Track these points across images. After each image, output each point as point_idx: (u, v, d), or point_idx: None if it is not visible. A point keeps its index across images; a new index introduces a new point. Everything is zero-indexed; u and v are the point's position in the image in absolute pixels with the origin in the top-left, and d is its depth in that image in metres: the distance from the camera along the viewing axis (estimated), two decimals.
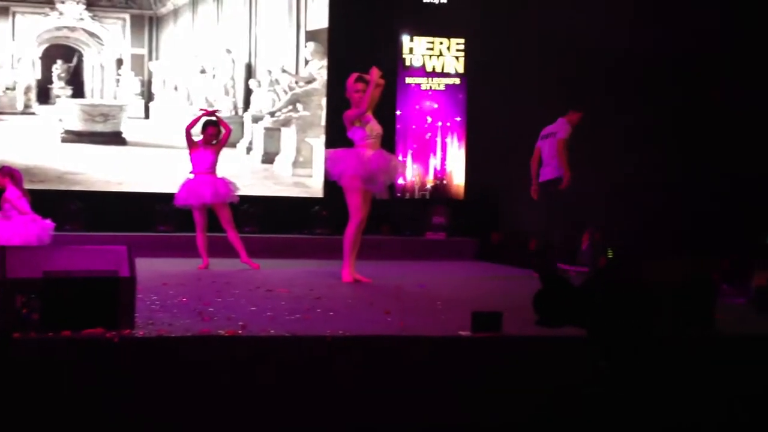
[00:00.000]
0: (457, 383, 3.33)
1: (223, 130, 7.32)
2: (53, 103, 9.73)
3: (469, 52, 10.21)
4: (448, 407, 3.31)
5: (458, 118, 10.21)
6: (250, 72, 10.19)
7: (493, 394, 3.32)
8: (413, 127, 10.16)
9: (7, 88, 9.57)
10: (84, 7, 9.70)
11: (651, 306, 2.28)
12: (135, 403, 3.20)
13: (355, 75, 6.03)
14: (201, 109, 7.53)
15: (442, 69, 10.21)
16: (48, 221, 7.21)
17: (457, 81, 10.22)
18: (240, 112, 10.11)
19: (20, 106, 9.62)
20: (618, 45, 8.60)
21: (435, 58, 10.22)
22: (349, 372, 3.37)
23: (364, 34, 9.74)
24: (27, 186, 7.42)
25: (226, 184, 7.20)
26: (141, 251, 7.65)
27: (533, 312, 2.10)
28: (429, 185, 10.16)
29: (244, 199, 8.41)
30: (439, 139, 10.19)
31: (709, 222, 7.98)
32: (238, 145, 9.98)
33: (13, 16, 9.61)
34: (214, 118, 7.36)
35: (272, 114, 10.19)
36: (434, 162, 10.18)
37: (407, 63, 10.17)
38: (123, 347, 3.20)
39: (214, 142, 7.25)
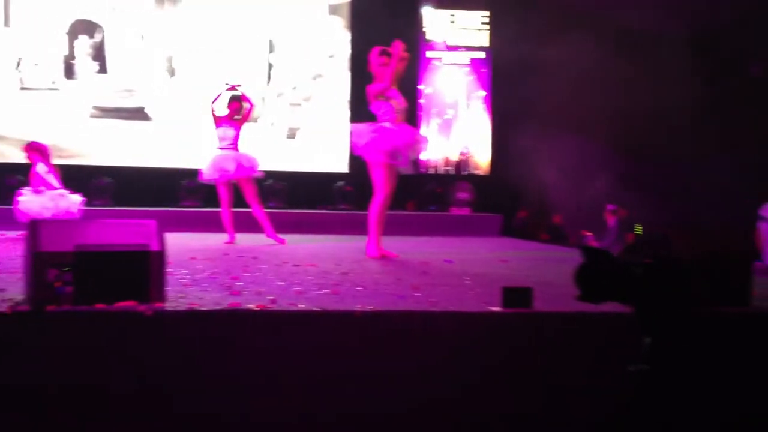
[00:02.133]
0: (488, 360, 3.32)
1: (246, 105, 7.31)
2: (77, 79, 9.77)
3: (494, 24, 10.07)
4: (481, 385, 3.30)
5: (483, 92, 10.11)
6: (272, 47, 10.14)
7: (525, 371, 3.30)
8: (437, 101, 10.08)
9: (35, 64, 9.62)
10: None
11: (686, 281, 2.23)
12: (166, 375, 3.22)
13: (378, 49, 5.95)
14: (225, 84, 7.50)
15: (466, 42, 10.09)
16: (77, 195, 7.27)
17: (482, 54, 10.10)
18: (263, 87, 10.08)
19: (47, 83, 9.69)
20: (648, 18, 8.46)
21: (458, 31, 10.10)
22: (378, 348, 3.37)
23: (387, 7, 9.64)
24: (56, 161, 7.47)
25: (249, 159, 7.20)
26: (167, 226, 7.70)
27: (573, 287, 2.07)
28: (453, 160, 10.10)
29: (268, 174, 8.42)
30: (463, 114, 10.11)
31: (725, 197, 7.87)
32: (260, 120, 9.98)
33: None
34: (237, 93, 7.35)
35: (295, 88, 10.16)
36: (459, 137, 10.10)
37: (429, 36, 10.07)
38: (155, 320, 3.21)
39: (238, 117, 7.25)
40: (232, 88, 7.47)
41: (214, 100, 7.37)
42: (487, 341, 3.36)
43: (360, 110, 9.48)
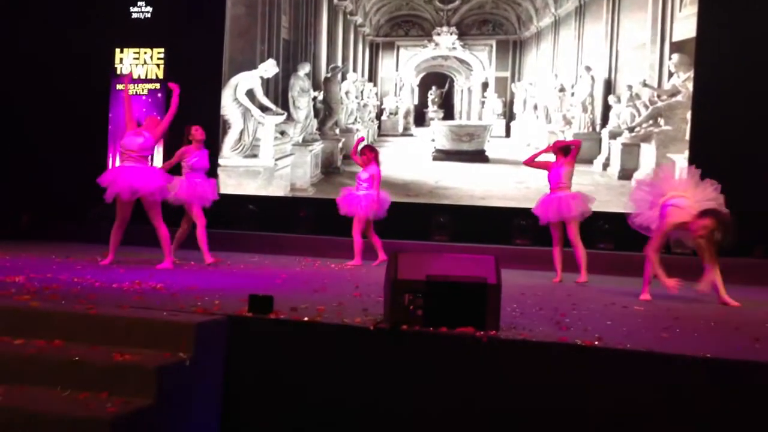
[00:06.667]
0: None
1: (570, 148, 7.39)
2: (427, 126, 10.89)
3: None
4: None
5: None
6: (609, 88, 10.16)
7: None
8: None
9: (391, 113, 10.98)
10: (456, 37, 10.71)
11: None
12: (497, 400, 3.54)
13: None
14: (561, 130, 7.72)
15: None
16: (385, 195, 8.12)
17: None
18: (598, 128, 10.14)
19: (400, 129, 10.99)
20: None
21: None
22: (707, 396, 3.29)
23: (736, 41, 9.07)
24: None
25: (581, 199, 7.27)
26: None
27: None
28: None
29: (600, 215, 8.43)
30: None
31: None
32: (594, 161, 10.03)
33: (397, 50, 11.00)
34: (564, 139, 7.43)
35: (631, 129, 10.02)
36: None
37: None
38: (490, 347, 3.56)
39: (564, 158, 7.33)
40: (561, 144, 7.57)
41: (529, 159, 7.61)
42: None
43: (702, 150, 9.05)
